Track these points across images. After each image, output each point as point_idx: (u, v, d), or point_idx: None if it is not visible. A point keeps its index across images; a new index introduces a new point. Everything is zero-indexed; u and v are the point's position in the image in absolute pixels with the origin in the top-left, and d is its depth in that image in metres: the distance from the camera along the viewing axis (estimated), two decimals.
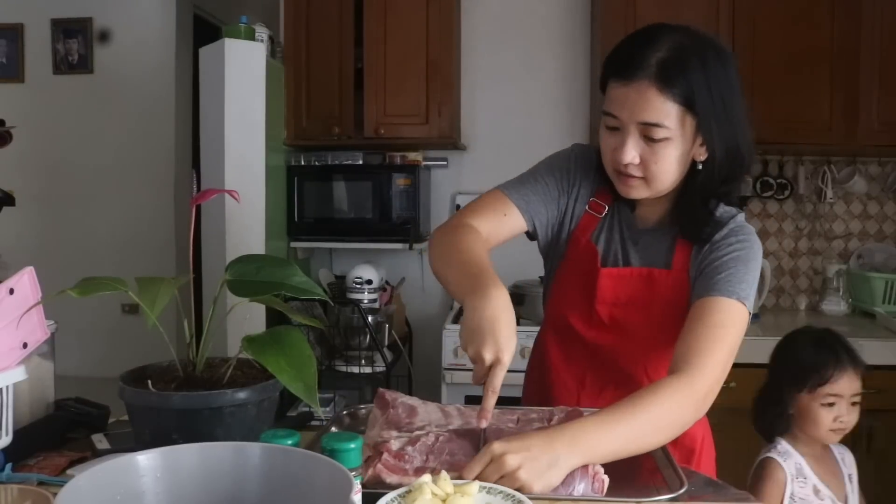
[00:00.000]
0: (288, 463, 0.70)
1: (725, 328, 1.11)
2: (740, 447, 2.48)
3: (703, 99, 1.09)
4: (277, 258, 1.06)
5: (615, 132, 1.14)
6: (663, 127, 1.09)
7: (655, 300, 1.22)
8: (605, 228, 1.28)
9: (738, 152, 1.16)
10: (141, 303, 0.88)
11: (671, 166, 1.13)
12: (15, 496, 0.81)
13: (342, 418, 1.21)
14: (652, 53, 1.09)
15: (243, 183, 2.55)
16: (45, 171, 4.74)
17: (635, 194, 1.18)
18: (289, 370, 0.86)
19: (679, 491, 0.91)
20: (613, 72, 1.13)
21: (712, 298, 1.12)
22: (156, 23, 4.73)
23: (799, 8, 2.68)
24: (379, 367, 2.61)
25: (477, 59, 3.15)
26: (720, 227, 1.19)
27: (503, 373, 0.99)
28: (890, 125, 2.68)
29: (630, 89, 1.09)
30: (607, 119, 1.14)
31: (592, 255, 1.26)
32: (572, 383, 1.31)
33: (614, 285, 1.24)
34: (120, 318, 4.65)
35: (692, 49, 1.10)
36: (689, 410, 1.04)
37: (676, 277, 1.21)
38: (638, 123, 1.10)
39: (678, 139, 1.11)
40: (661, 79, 1.08)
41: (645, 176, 1.14)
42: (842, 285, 2.93)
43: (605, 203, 1.27)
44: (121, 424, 1.19)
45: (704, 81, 1.09)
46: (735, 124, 1.14)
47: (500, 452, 0.90)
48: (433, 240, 1.24)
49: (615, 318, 1.24)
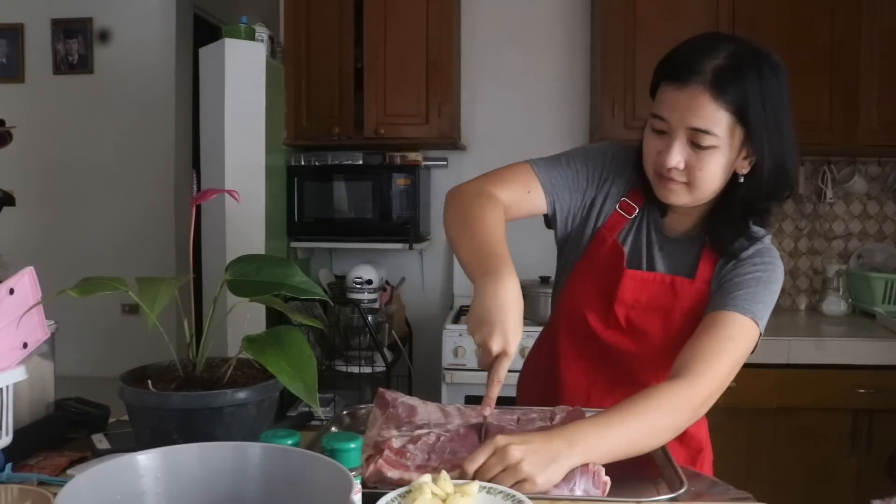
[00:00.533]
0: (288, 463, 0.70)
1: (734, 342, 1.11)
2: (740, 447, 2.49)
3: (756, 110, 1.08)
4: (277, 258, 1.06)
5: (661, 135, 1.13)
6: (712, 134, 1.08)
7: (675, 308, 1.22)
8: (633, 230, 1.27)
9: (784, 167, 1.14)
10: (141, 303, 0.88)
11: (715, 175, 1.12)
12: (15, 496, 0.81)
13: (342, 418, 1.21)
14: (709, 60, 1.08)
15: (243, 183, 2.55)
16: (45, 171, 4.74)
17: (675, 199, 1.17)
18: (289, 370, 0.86)
19: (679, 491, 0.91)
20: (667, 75, 1.12)
21: (727, 313, 1.12)
22: (156, 23, 4.73)
23: (799, 8, 2.68)
24: (379, 367, 2.61)
25: (477, 59, 3.15)
26: (747, 245, 1.19)
27: (509, 364, 1.00)
28: (890, 125, 2.68)
29: (683, 93, 1.08)
30: (655, 122, 1.13)
31: (618, 255, 1.25)
32: (583, 380, 1.30)
33: (636, 288, 1.23)
34: (120, 318, 4.65)
35: (748, 59, 1.09)
36: (685, 416, 1.05)
37: (698, 288, 1.21)
38: (687, 128, 1.09)
39: (725, 148, 1.10)
40: (715, 85, 1.07)
41: (688, 182, 1.13)
42: (842, 285, 2.93)
43: (636, 205, 1.26)
44: (121, 424, 1.19)
45: (758, 93, 1.08)
46: (784, 139, 1.12)
47: (504, 444, 0.91)
48: (452, 199, 1.21)
49: (632, 320, 1.24)
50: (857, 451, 2.48)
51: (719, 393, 1.09)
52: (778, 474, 2.48)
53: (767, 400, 2.46)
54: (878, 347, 2.47)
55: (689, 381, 1.05)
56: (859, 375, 2.44)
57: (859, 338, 2.54)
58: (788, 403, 2.46)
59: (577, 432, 0.96)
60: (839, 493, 2.49)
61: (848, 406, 2.46)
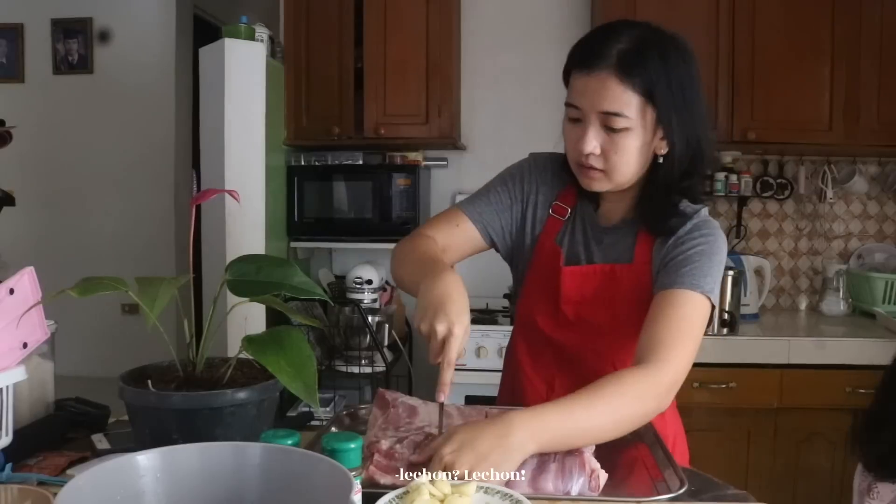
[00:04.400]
0: (288, 463, 0.70)
1: (691, 321, 1.11)
2: (740, 447, 2.49)
3: (663, 90, 1.11)
4: (277, 258, 1.06)
5: (577, 124, 1.16)
6: (623, 116, 1.11)
7: (618, 296, 1.23)
8: (568, 229, 1.29)
9: (698, 146, 1.17)
10: (141, 303, 0.88)
11: (631, 157, 1.15)
12: (15, 496, 0.81)
13: (342, 418, 1.21)
14: (613, 45, 1.11)
15: (243, 183, 2.55)
16: (45, 171, 4.74)
17: (597, 187, 1.20)
18: (289, 370, 0.86)
19: (679, 491, 0.91)
20: (576, 63, 1.15)
21: (677, 291, 1.13)
22: (156, 23, 4.73)
23: (799, 8, 2.68)
24: (379, 367, 2.61)
25: (477, 59, 3.15)
26: (684, 221, 1.20)
27: (458, 344, 1.00)
28: (890, 125, 2.68)
29: (591, 79, 1.11)
30: (570, 110, 1.16)
31: (556, 255, 1.27)
32: (542, 386, 1.31)
33: (578, 283, 1.25)
34: (120, 318, 4.65)
35: (653, 42, 1.13)
36: (652, 403, 1.05)
37: (638, 271, 1.22)
38: (599, 113, 1.12)
39: (638, 129, 1.13)
40: (621, 68, 1.10)
41: (605, 168, 1.16)
42: (842, 285, 2.93)
43: (567, 205, 1.29)
44: (121, 424, 1.19)
45: (664, 73, 1.11)
46: (695, 118, 1.15)
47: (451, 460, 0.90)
48: (394, 254, 1.27)
49: (581, 316, 1.25)
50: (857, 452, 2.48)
51: (684, 377, 1.09)
52: (778, 474, 2.48)
53: (767, 400, 2.46)
54: (878, 347, 2.46)
55: (655, 367, 1.05)
56: (859, 375, 2.44)
57: (859, 338, 2.54)
58: (788, 403, 2.46)
59: (536, 415, 0.96)
60: (839, 492, 2.49)
61: (848, 406, 2.45)
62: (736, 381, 2.45)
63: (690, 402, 1.20)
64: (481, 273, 1.11)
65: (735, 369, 2.44)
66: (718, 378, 2.43)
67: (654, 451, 1.06)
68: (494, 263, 1.44)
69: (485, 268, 1.88)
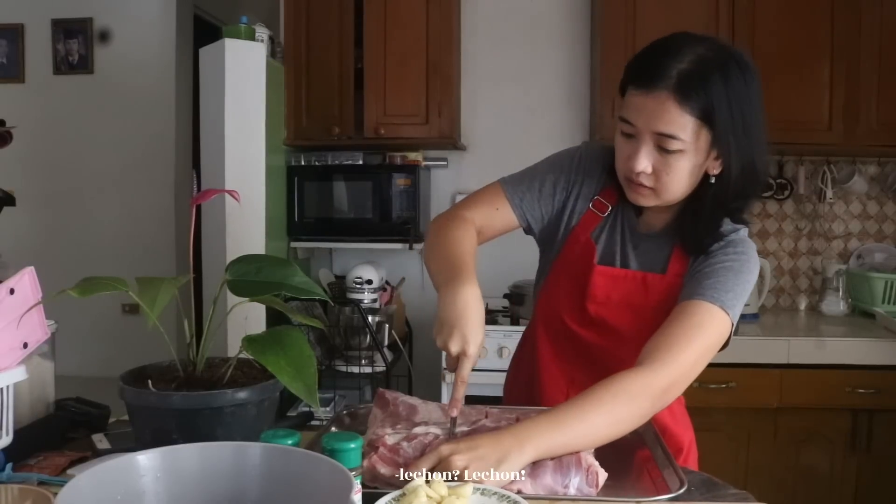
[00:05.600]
0: (288, 463, 0.70)
1: (701, 329, 1.09)
2: (740, 447, 2.49)
3: (722, 114, 1.07)
4: (277, 258, 1.06)
5: (630, 139, 1.14)
6: (678, 139, 1.08)
7: (647, 305, 1.22)
8: (606, 228, 1.28)
9: (753, 169, 1.14)
10: (141, 303, 0.88)
11: (682, 178, 1.13)
12: (15, 496, 0.81)
13: (342, 418, 1.21)
14: (674, 64, 1.07)
15: (243, 183, 2.55)
16: (45, 170, 4.74)
17: (644, 202, 1.18)
18: (289, 370, 0.86)
19: (679, 491, 0.91)
20: (633, 79, 1.12)
21: (695, 302, 1.11)
22: (156, 23, 4.73)
23: (799, 8, 2.68)
24: (379, 367, 2.61)
25: (477, 58, 3.15)
26: (720, 239, 1.19)
27: (470, 364, 1.03)
28: (890, 125, 2.68)
29: (649, 99, 1.08)
30: (623, 125, 1.14)
31: (590, 252, 1.26)
32: (562, 380, 1.31)
33: (607, 284, 1.24)
34: (120, 318, 4.65)
35: (714, 62, 1.08)
36: (646, 403, 1.04)
37: (670, 283, 1.21)
38: (653, 133, 1.10)
39: (692, 152, 1.10)
40: (680, 91, 1.06)
41: (655, 187, 1.14)
42: (841, 285, 2.93)
43: (609, 203, 1.27)
44: (121, 424, 1.19)
45: (725, 96, 1.07)
46: (753, 141, 1.12)
47: (448, 454, 0.92)
48: (430, 228, 1.27)
49: (605, 318, 1.25)
50: (856, 451, 2.48)
51: (686, 381, 1.08)
52: (778, 474, 2.48)
53: (767, 400, 2.46)
54: (877, 347, 2.47)
55: (651, 369, 1.05)
56: (859, 375, 2.44)
57: (859, 338, 2.54)
58: (788, 403, 2.46)
59: (529, 429, 0.97)
60: (839, 492, 2.49)
61: (848, 406, 2.46)
62: (736, 381, 2.45)
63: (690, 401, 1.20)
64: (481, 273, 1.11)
65: (735, 369, 2.44)
66: (718, 378, 2.43)
67: (654, 451, 1.06)
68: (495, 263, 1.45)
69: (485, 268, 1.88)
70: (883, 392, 2.43)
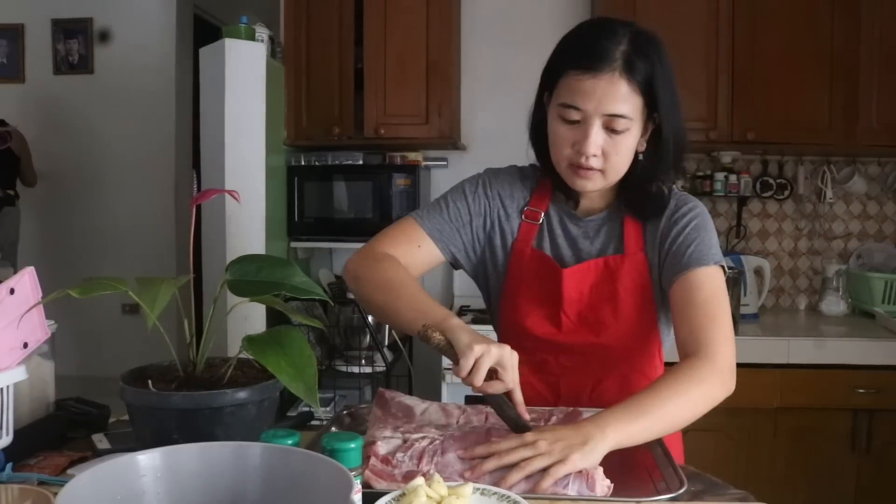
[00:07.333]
0: (288, 463, 0.70)
1: (716, 297, 1.14)
2: (740, 447, 2.49)
3: (661, 88, 1.13)
4: (277, 258, 1.06)
5: (574, 125, 1.15)
6: (627, 118, 1.12)
7: (617, 287, 1.23)
8: (546, 232, 1.28)
9: (682, 138, 1.20)
10: (141, 303, 0.88)
11: (628, 157, 1.17)
12: (15, 496, 0.81)
13: (342, 418, 1.21)
14: (616, 46, 1.11)
15: (243, 183, 2.55)
16: (45, 171, 4.74)
17: (591, 187, 1.20)
18: (289, 370, 0.86)
19: (679, 491, 0.91)
20: (576, 64, 1.13)
21: (692, 272, 1.16)
22: (156, 23, 4.74)
23: (799, 8, 2.68)
24: (379, 367, 2.61)
25: (477, 59, 3.14)
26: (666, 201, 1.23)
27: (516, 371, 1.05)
28: (889, 125, 2.68)
29: (599, 81, 1.11)
30: (567, 111, 1.14)
31: (545, 260, 1.26)
32: (547, 392, 1.28)
33: (577, 282, 1.24)
34: (120, 318, 4.66)
35: (645, 41, 1.14)
36: (718, 388, 1.08)
37: (632, 259, 1.23)
38: (603, 115, 1.12)
39: (636, 129, 1.15)
40: (628, 70, 1.10)
41: (604, 168, 1.16)
42: (841, 285, 2.93)
43: (541, 208, 1.28)
44: (121, 424, 1.19)
45: (661, 73, 1.13)
46: (679, 113, 1.18)
47: (533, 439, 0.94)
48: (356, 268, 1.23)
49: (585, 315, 1.24)
50: (856, 451, 2.48)
51: (735, 352, 1.13)
52: (778, 474, 2.48)
53: (767, 400, 2.46)
54: (877, 347, 2.47)
55: (706, 355, 1.09)
56: (859, 375, 2.44)
57: (859, 338, 2.54)
58: (788, 403, 2.46)
59: (608, 417, 0.99)
60: (839, 492, 2.49)
61: (848, 406, 2.46)
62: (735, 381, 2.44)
63: None
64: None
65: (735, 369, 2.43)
66: None
67: (654, 451, 1.06)
68: None
69: None
70: (883, 392, 2.43)
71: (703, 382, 1.06)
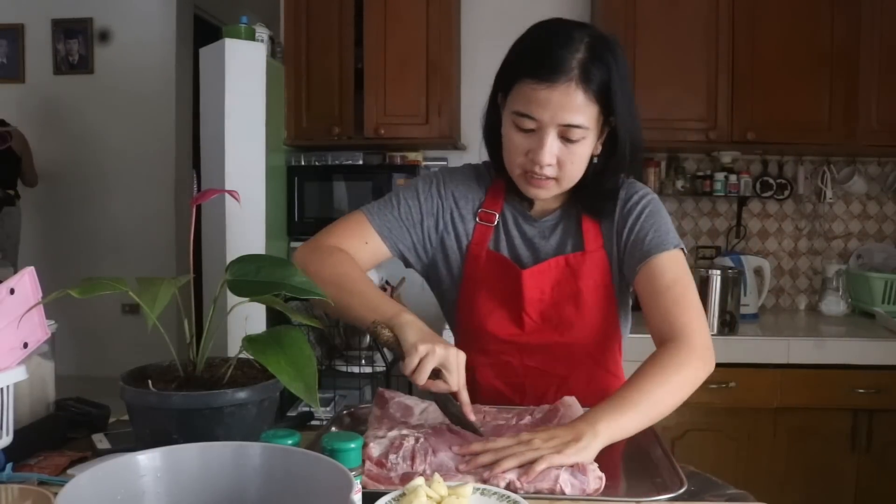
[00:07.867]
0: (288, 463, 0.70)
1: (681, 281, 1.15)
2: (740, 447, 2.49)
3: (617, 95, 1.11)
4: (277, 258, 1.06)
5: (529, 134, 1.13)
6: (583, 128, 1.11)
7: (580, 285, 1.23)
8: (503, 234, 1.27)
9: (638, 142, 1.19)
10: (141, 303, 0.88)
11: (583, 164, 1.16)
12: (15, 496, 0.81)
13: (342, 418, 1.21)
14: (572, 54, 1.09)
15: (243, 183, 2.55)
16: (45, 171, 4.74)
17: (545, 195, 1.19)
18: (289, 370, 0.86)
19: (679, 491, 0.91)
20: (532, 73, 1.11)
21: (653, 260, 1.16)
22: (156, 23, 4.74)
23: (799, 8, 2.68)
24: (379, 367, 2.61)
25: (477, 59, 3.14)
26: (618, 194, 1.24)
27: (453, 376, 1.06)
28: (889, 125, 2.68)
29: (554, 92, 1.08)
30: (521, 120, 1.12)
31: (503, 262, 1.25)
32: (511, 394, 1.27)
33: (538, 282, 1.23)
34: (120, 318, 4.66)
35: (602, 47, 1.11)
36: (699, 369, 1.09)
37: (593, 257, 1.23)
38: (558, 125, 1.11)
39: (591, 137, 1.14)
40: (584, 80, 1.08)
41: (558, 177, 1.15)
42: (841, 285, 2.93)
43: (495, 210, 1.27)
44: (121, 424, 1.19)
45: (617, 79, 1.11)
46: (635, 115, 1.17)
47: (529, 438, 0.95)
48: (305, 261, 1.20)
49: (548, 315, 1.24)
50: (856, 451, 2.48)
51: (707, 324, 1.14)
52: (778, 474, 2.48)
53: (767, 400, 2.46)
54: (877, 347, 2.47)
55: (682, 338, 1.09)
56: (859, 375, 2.44)
57: (859, 338, 2.54)
58: (788, 403, 2.46)
59: (597, 413, 1.00)
60: (839, 492, 2.49)
61: (848, 406, 2.46)
62: (735, 381, 2.45)
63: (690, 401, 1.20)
64: None
65: (735, 369, 2.44)
66: (718, 378, 2.42)
67: (654, 452, 1.06)
68: None
69: None
70: (883, 392, 2.43)
71: (683, 367, 1.07)
